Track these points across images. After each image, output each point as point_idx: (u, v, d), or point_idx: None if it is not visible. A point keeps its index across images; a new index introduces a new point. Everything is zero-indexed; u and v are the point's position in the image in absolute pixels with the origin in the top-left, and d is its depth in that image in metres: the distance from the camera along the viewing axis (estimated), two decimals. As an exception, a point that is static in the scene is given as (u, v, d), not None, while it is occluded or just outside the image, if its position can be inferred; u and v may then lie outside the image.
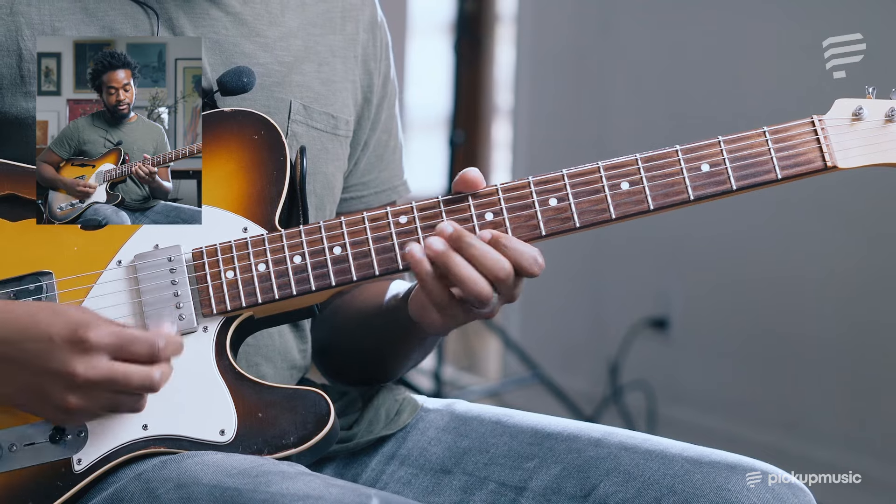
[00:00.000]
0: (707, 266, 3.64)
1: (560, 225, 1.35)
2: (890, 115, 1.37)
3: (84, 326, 1.23)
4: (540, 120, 4.30)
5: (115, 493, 1.28)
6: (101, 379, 1.23)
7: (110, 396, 1.25)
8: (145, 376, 1.25)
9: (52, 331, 1.24)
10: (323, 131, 1.52)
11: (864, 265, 3.21)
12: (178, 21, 1.45)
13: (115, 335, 1.24)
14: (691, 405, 3.66)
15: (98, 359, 1.23)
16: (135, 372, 1.24)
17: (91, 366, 1.23)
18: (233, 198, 1.38)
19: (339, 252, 1.35)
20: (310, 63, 1.52)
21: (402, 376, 1.65)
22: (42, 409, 1.27)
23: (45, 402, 1.26)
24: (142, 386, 1.25)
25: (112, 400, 1.26)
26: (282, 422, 1.32)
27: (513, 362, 4.15)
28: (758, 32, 3.45)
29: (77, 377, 1.23)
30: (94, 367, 1.23)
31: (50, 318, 1.25)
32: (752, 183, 1.35)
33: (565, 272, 4.02)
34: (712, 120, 3.45)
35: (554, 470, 1.40)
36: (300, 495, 1.20)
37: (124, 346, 1.24)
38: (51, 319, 1.24)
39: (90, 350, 1.23)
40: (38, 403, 1.27)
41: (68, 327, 1.23)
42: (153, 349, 1.25)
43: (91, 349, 1.23)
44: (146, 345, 1.25)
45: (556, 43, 4.19)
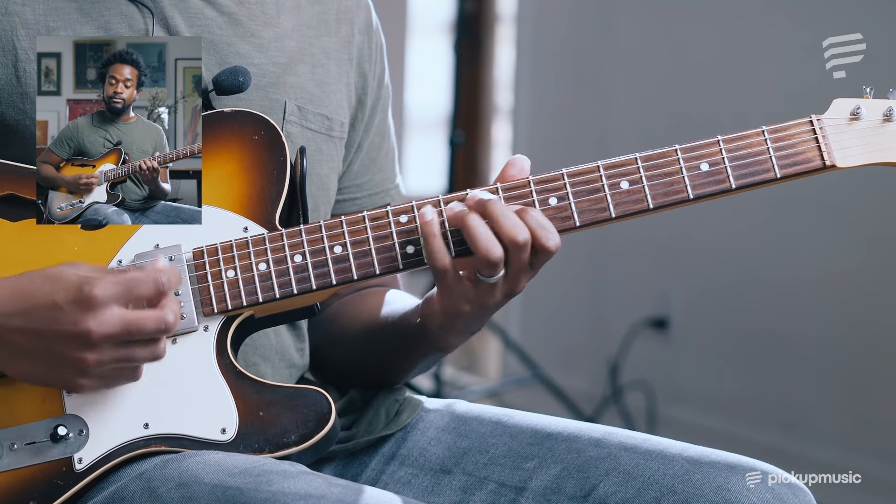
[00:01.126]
0: (707, 266, 3.64)
1: (560, 224, 1.35)
2: (888, 115, 1.37)
3: (88, 283, 1.22)
4: (540, 120, 4.30)
5: (116, 492, 1.28)
6: (116, 331, 1.23)
7: (127, 347, 1.25)
8: (159, 319, 1.24)
9: (55, 296, 1.23)
10: (318, 132, 1.52)
11: (864, 265, 3.22)
12: (173, 20, 1.45)
13: (118, 283, 1.23)
14: (691, 405, 3.66)
15: (108, 312, 1.22)
16: (148, 317, 1.24)
17: (103, 321, 1.22)
18: (233, 198, 1.38)
19: (339, 251, 1.36)
20: (304, 64, 1.52)
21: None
22: (59, 376, 1.26)
23: (63, 368, 1.24)
24: (157, 329, 1.24)
25: (129, 351, 1.25)
26: (283, 420, 1.32)
27: (513, 362, 4.15)
28: (757, 32, 3.45)
29: (91, 334, 1.22)
30: (106, 321, 1.22)
31: (51, 284, 1.24)
32: (751, 182, 1.36)
33: (565, 272, 4.02)
34: (712, 120, 3.45)
35: (554, 470, 1.40)
36: (301, 494, 1.20)
37: (130, 291, 1.24)
38: (52, 285, 1.23)
39: (98, 305, 1.22)
40: (55, 371, 1.25)
41: (71, 288, 1.23)
42: (158, 286, 1.24)
43: (99, 304, 1.22)
44: (150, 283, 1.24)
45: (556, 43, 4.19)
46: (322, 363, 1.60)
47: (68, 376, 1.26)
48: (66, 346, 1.23)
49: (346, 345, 1.57)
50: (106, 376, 1.28)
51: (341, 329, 1.58)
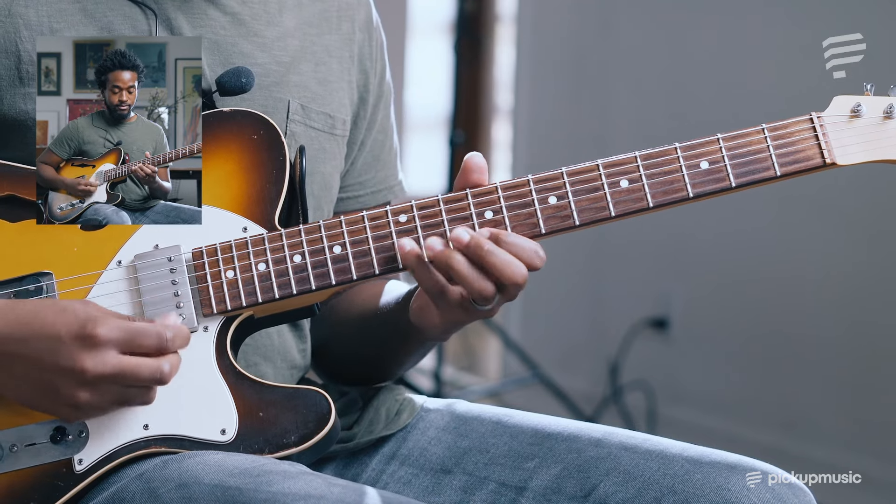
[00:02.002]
0: (707, 266, 3.64)
1: (560, 223, 1.35)
2: (888, 112, 1.37)
3: (92, 322, 1.23)
4: (540, 120, 4.30)
5: (117, 492, 1.28)
6: (111, 373, 1.23)
7: (120, 390, 1.25)
8: (155, 369, 1.25)
9: (59, 328, 1.23)
10: (321, 131, 1.52)
11: (864, 265, 3.21)
12: (176, 21, 1.45)
13: (122, 329, 1.24)
14: (691, 405, 3.66)
15: (107, 354, 1.23)
16: (144, 365, 1.24)
17: (100, 361, 1.23)
18: (232, 197, 1.38)
19: (338, 251, 1.35)
20: (307, 63, 1.52)
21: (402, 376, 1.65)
22: (52, 406, 1.27)
23: (55, 399, 1.25)
24: (151, 378, 1.25)
25: (122, 393, 1.26)
26: (283, 421, 1.32)
27: (513, 362, 4.15)
28: (757, 32, 3.45)
29: (86, 373, 1.23)
30: (103, 362, 1.23)
31: (56, 315, 1.24)
32: (751, 180, 1.36)
33: (565, 272, 4.02)
34: (712, 119, 3.45)
35: (554, 470, 1.40)
36: (302, 495, 1.20)
37: (132, 340, 1.24)
38: (57, 317, 1.24)
39: (99, 346, 1.23)
40: (47, 401, 1.26)
41: (76, 324, 1.23)
42: (161, 341, 1.25)
43: (99, 345, 1.23)
44: (154, 337, 1.25)
45: (556, 43, 4.19)
46: (320, 356, 1.60)
47: (61, 409, 1.27)
48: (60, 380, 1.24)
49: (343, 335, 1.57)
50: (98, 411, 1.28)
51: (339, 318, 1.58)
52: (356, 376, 1.59)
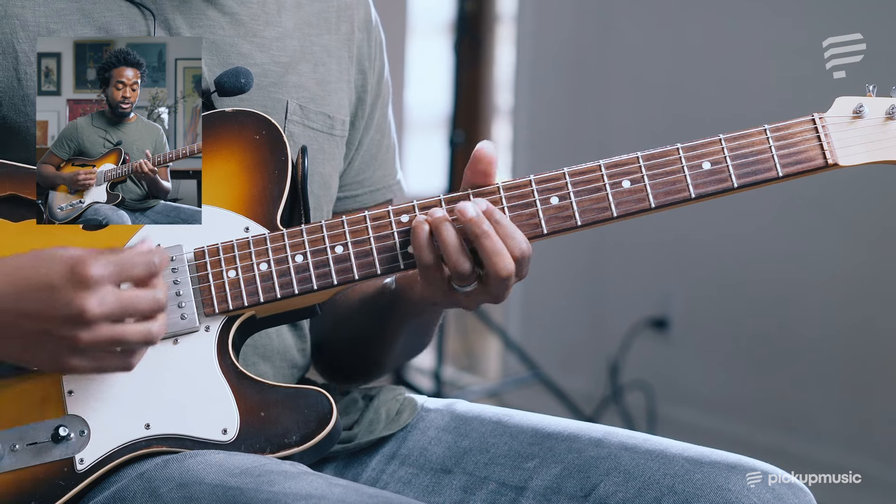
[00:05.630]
0: (707, 266, 3.64)
1: (561, 223, 1.35)
2: (890, 113, 1.37)
3: (81, 263, 1.21)
4: (540, 120, 4.30)
5: (117, 492, 1.29)
6: (113, 308, 1.22)
7: (120, 327, 1.23)
8: (152, 298, 1.24)
9: (49, 276, 1.22)
10: (319, 131, 1.52)
11: (865, 265, 3.22)
12: (174, 22, 1.45)
13: (112, 263, 1.22)
14: (691, 405, 3.66)
15: (104, 291, 1.21)
16: (141, 296, 1.24)
17: (101, 300, 1.21)
18: (234, 197, 1.38)
19: (340, 251, 1.35)
20: (306, 63, 1.52)
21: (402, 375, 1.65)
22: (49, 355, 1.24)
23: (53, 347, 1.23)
24: (151, 308, 1.24)
25: (122, 330, 1.24)
26: (284, 421, 1.32)
27: (513, 362, 4.15)
28: (758, 32, 3.45)
29: (86, 313, 1.21)
30: (103, 300, 1.21)
31: (41, 264, 1.23)
32: (753, 181, 1.36)
33: (565, 272, 4.02)
34: (713, 119, 3.45)
35: (554, 470, 1.40)
36: (303, 495, 1.20)
37: (123, 271, 1.23)
38: (43, 266, 1.22)
39: (94, 284, 1.21)
40: (43, 351, 1.24)
41: (66, 267, 1.21)
42: (150, 267, 1.24)
43: (95, 283, 1.21)
44: (143, 266, 1.24)
45: (556, 43, 4.19)
46: (319, 352, 1.60)
47: (60, 356, 1.24)
48: (59, 327, 1.22)
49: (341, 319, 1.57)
50: (98, 358, 1.25)
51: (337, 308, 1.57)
52: (355, 368, 1.59)
